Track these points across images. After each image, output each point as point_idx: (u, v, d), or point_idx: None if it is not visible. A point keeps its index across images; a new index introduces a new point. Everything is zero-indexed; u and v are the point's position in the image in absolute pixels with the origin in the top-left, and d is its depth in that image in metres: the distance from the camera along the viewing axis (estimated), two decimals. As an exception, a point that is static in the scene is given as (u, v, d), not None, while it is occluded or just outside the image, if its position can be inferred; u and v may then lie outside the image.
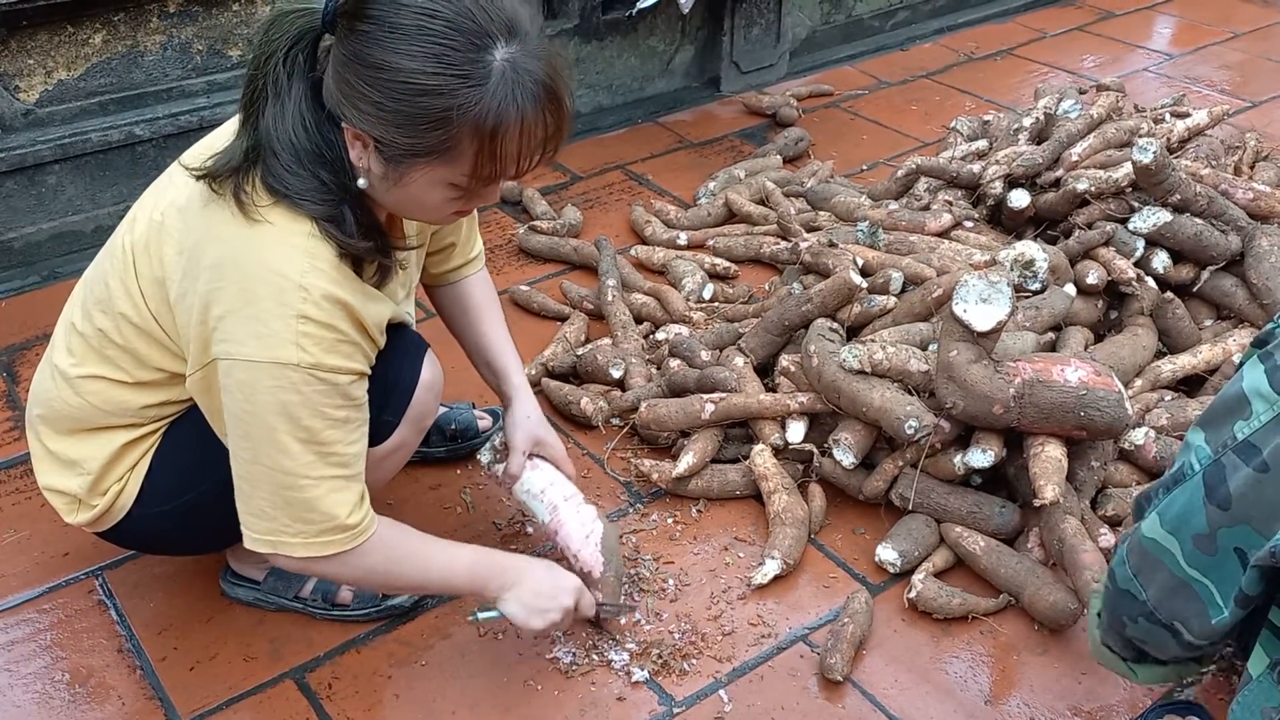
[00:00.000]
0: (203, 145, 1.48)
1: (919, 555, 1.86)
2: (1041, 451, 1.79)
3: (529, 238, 2.72)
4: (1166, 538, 1.21)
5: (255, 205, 1.35)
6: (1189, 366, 2.13)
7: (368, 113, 1.29)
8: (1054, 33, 4.07)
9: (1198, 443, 1.20)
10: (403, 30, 1.25)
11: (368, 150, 1.33)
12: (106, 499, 1.58)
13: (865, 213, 2.49)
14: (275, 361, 1.34)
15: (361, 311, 1.40)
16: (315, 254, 1.36)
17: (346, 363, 1.39)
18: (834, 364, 1.90)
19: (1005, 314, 1.75)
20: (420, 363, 1.62)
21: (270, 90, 1.34)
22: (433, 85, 1.25)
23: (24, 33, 2.46)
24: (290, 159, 1.34)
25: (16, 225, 2.60)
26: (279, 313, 1.34)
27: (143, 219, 1.48)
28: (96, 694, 1.67)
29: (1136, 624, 1.28)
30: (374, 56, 1.26)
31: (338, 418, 1.40)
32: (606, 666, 1.70)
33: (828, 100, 3.53)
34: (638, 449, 2.12)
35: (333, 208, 1.36)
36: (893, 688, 1.68)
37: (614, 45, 3.32)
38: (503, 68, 1.27)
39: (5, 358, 2.37)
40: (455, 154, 1.30)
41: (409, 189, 1.36)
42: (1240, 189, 2.32)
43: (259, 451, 1.39)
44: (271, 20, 1.35)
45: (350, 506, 1.44)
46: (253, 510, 1.45)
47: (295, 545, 1.44)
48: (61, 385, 1.56)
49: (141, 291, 1.46)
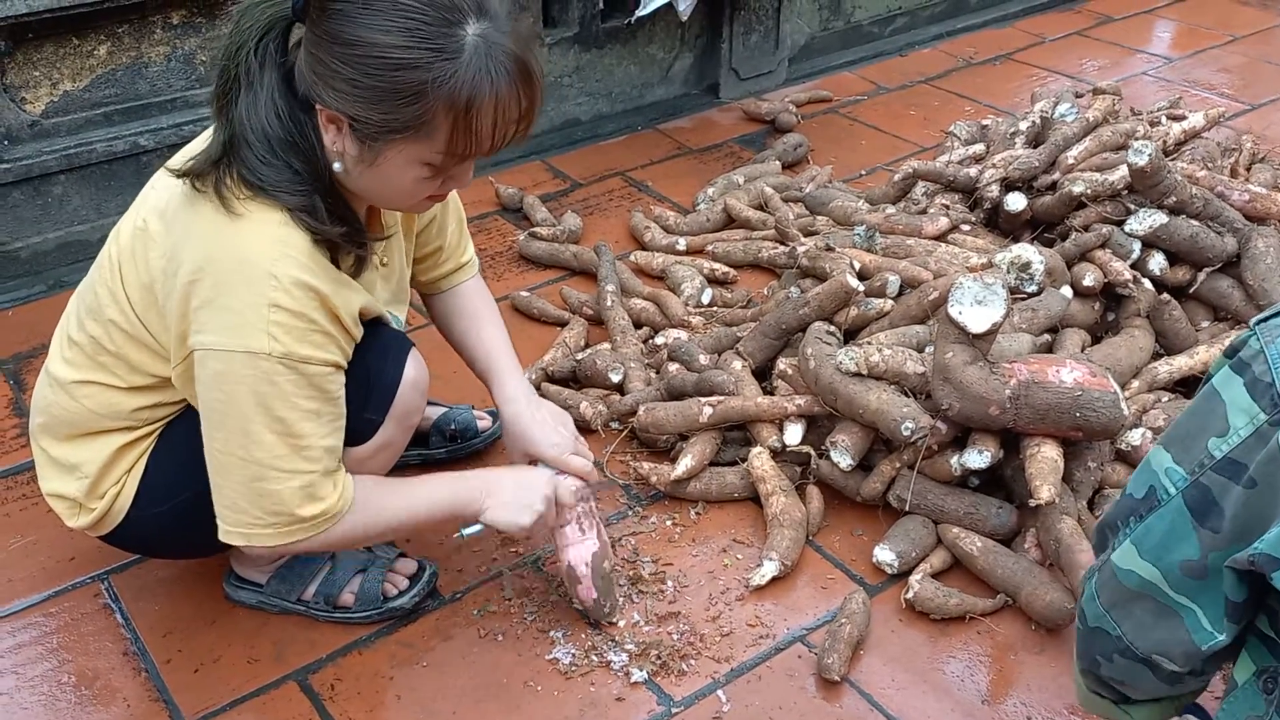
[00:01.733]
0: (188, 149, 1.50)
1: (916, 556, 1.87)
2: (1038, 452, 1.80)
3: (529, 244, 2.74)
4: (1146, 568, 1.13)
5: (235, 199, 1.36)
6: (1186, 368, 2.14)
7: (342, 91, 1.30)
8: (1053, 37, 4.08)
9: (1165, 464, 1.12)
10: (375, 6, 1.27)
11: (342, 132, 1.34)
12: (105, 502, 1.60)
13: (863, 217, 2.50)
14: (247, 351, 1.36)
15: (334, 299, 1.41)
16: (287, 241, 1.37)
17: (318, 353, 1.40)
18: (831, 367, 1.92)
19: (1000, 316, 1.76)
20: (404, 360, 1.63)
21: (243, 80, 1.35)
22: (407, 59, 1.27)
23: (30, 45, 2.48)
24: (263, 149, 1.36)
25: (23, 235, 2.62)
26: (251, 301, 1.35)
27: (126, 228, 1.50)
28: (102, 696, 1.68)
29: (1112, 662, 1.21)
30: (347, 33, 1.27)
31: (309, 409, 1.41)
32: (605, 667, 1.71)
33: (826, 106, 3.55)
34: (637, 452, 2.13)
35: (306, 197, 1.38)
36: (890, 687, 1.69)
37: (613, 53, 3.34)
38: (475, 42, 1.29)
39: (11, 366, 2.40)
40: (430, 129, 1.31)
41: (383, 169, 1.37)
42: (1236, 191, 2.33)
43: (230, 441, 1.41)
44: (242, 11, 1.36)
45: (323, 499, 1.46)
46: (225, 502, 1.46)
47: (267, 535, 1.46)
48: (58, 392, 1.58)
49: (128, 298, 1.48)
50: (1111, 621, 1.19)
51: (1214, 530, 1.07)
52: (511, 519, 1.61)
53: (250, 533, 1.46)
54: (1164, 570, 1.12)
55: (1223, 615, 1.10)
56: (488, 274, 2.69)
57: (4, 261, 2.62)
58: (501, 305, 2.54)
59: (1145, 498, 1.14)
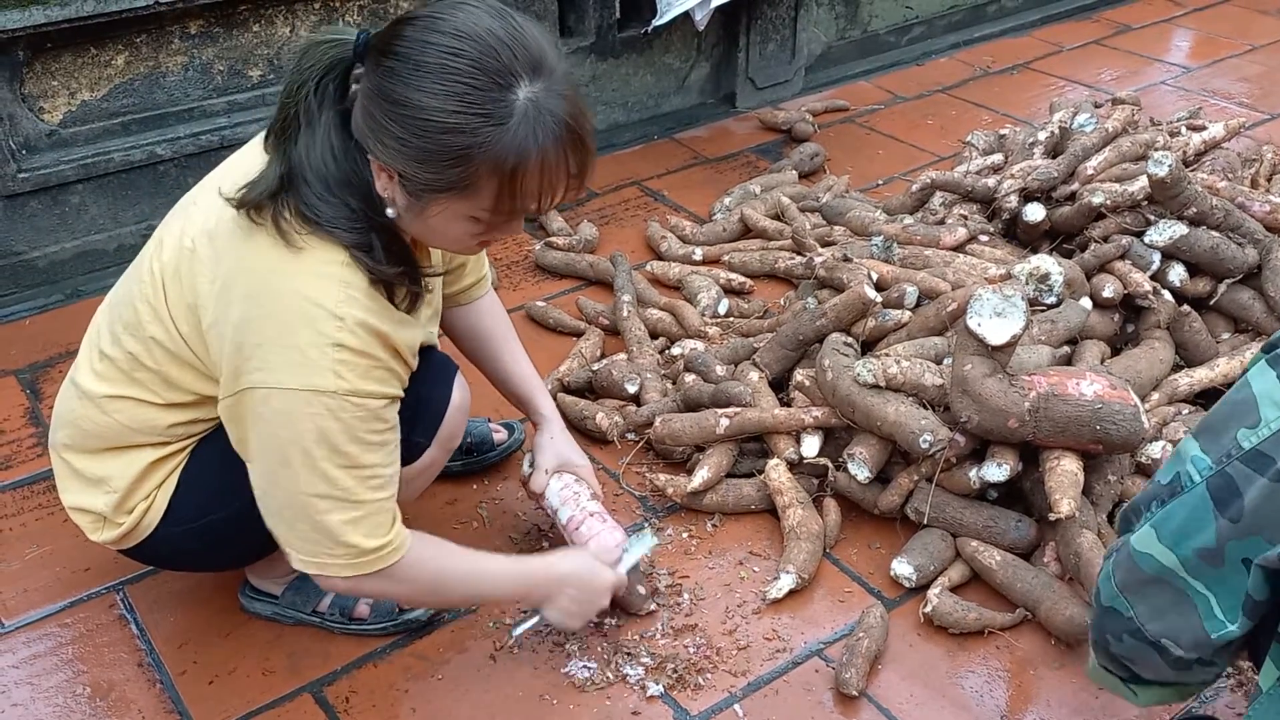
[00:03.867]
0: (230, 170, 1.50)
1: (934, 570, 1.85)
2: (1057, 465, 1.79)
3: (545, 254, 2.73)
4: (1164, 552, 1.16)
5: (294, 233, 1.37)
6: (1206, 380, 2.12)
7: (391, 147, 1.32)
8: (1070, 46, 4.06)
9: (1193, 452, 1.14)
10: (427, 68, 1.27)
11: (392, 182, 1.36)
12: (133, 516, 1.59)
13: (880, 227, 2.49)
14: (313, 389, 1.36)
15: (395, 338, 1.42)
16: (350, 283, 1.38)
17: (381, 388, 1.42)
18: (849, 378, 1.91)
19: (1020, 328, 1.75)
20: (451, 383, 1.66)
21: (303, 118, 1.37)
22: (454, 124, 1.28)
23: (48, 55, 2.49)
24: (321, 187, 1.37)
25: (41, 244, 2.63)
26: (316, 341, 1.36)
27: (170, 243, 1.48)
28: (117, 707, 1.68)
29: (1122, 642, 1.23)
30: (398, 93, 1.29)
31: (374, 441, 1.43)
32: (622, 681, 1.70)
33: (843, 115, 3.54)
34: (653, 464, 2.12)
35: (363, 235, 1.39)
36: (908, 703, 1.68)
37: (630, 62, 3.34)
38: (525, 106, 1.29)
39: (29, 375, 2.40)
40: (475, 190, 1.33)
41: (431, 221, 1.39)
42: (1257, 202, 2.31)
43: (299, 478, 1.41)
44: (305, 49, 1.38)
45: (387, 527, 1.47)
46: (298, 534, 1.46)
47: (340, 567, 1.46)
48: (87, 405, 1.56)
49: (172, 316, 1.47)
50: (1125, 602, 1.21)
51: (1233, 520, 1.09)
52: (564, 624, 1.68)
53: (323, 563, 1.47)
54: (1181, 556, 1.14)
55: (1238, 607, 1.12)
56: (504, 283, 2.69)
57: (21, 271, 2.63)
58: (517, 315, 2.56)
59: (1170, 484, 1.17)
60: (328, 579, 1.49)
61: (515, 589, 1.66)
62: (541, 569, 1.66)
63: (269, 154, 1.42)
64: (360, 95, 1.34)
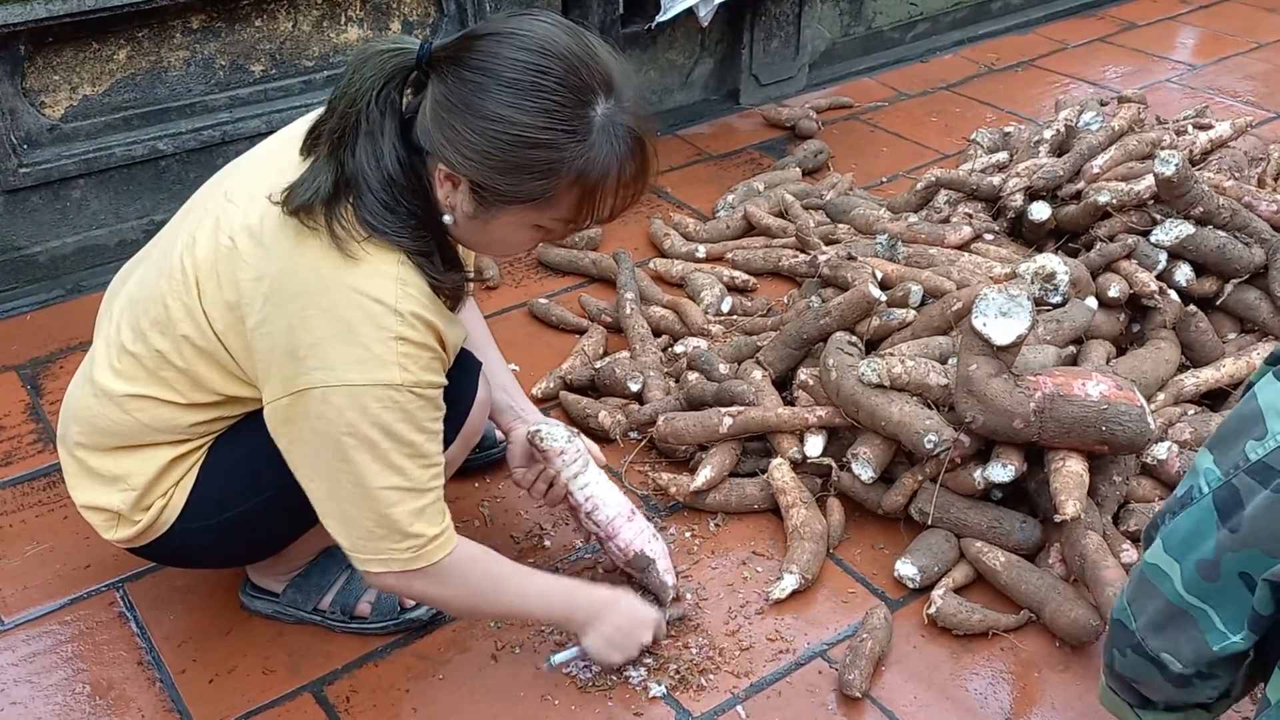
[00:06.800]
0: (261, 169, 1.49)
1: (939, 570, 1.84)
2: (1062, 466, 1.78)
3: (548, 251, 2.72)
4: (1168, 563, 1.16)
5: (352, 240, 1.38)
6: (1212, 380, 2.11)
7: (470, 158, 1.34)
8: (1075, 44, 4.05)
9: (1206, 465, 1.14)
10: (517, 85, 1.31)
11: (458, 190, 1.39)
12: (150, 514, 1.57)
13: (884, 225, 2.48)
14: (381, 384, 1.38)
15: (446, 334, 1.46)
16: (407, 280, 1.41)
17: (438, 378, 1.46)
18: (853, 378, 1.90)
19: (1025, 328, 1.74)
20: (475, 380, 1.69)
21: (362, 126, 1.38)
22: (544, 139, 1.33)
23: (50, 49, 2.49)
24: (385, 195, 1.39)
25: (42, 239, 2.62)
26: (379, 336, 1.38)
27: (205, 241, 1.46)
28: (117, 706, 1.68)
29: (1125, 657, 1.23)
30: (485, 107, 1.32)
31: (434, 430, 1.46)
32: (624, 682, 1.70)
33: (847, 113, 3.53)
34: (655, 462, 2.12)
35: (424, 243, 1.42)
36: (912, 704, 1.67)
37: (633, 58, 3.33)
38: (603, 122, 1.35)
39: (30, 370, 2.40)
40: (554, 201, 1.38)
41: (493, 228, 1.43)
42: (1264, 201, 2.30)
43: (366, 473, 1.42)
44: (364, 58, 1.38)
45: (443, 514, 1.50)
46: (359, 531, 1.46)
47: (405, 560, 1.47)
48: (105, 404, 1.54)
49: (206, 314, 1.45)
50: (1130, 615, 1.22)
51: (1232, 530, 1.09)
52: (605, 655, 1.67)
53: (389, 558, 1.47)
54: (1182, 568, 1.14)
55: (1243, 620, 1.12)
56: (506, 281, 2.68)
57: (22, 266, 2.62)
58: (519, 312, 2.55)
59: (1183, 496, 1.17)
60: (379, 576, 1.49)
61: (563, 603, 1.65)
62: (586, 589, 1.69)
63: (313, 159, 1.42)
64: (430, 105, 1.36)
